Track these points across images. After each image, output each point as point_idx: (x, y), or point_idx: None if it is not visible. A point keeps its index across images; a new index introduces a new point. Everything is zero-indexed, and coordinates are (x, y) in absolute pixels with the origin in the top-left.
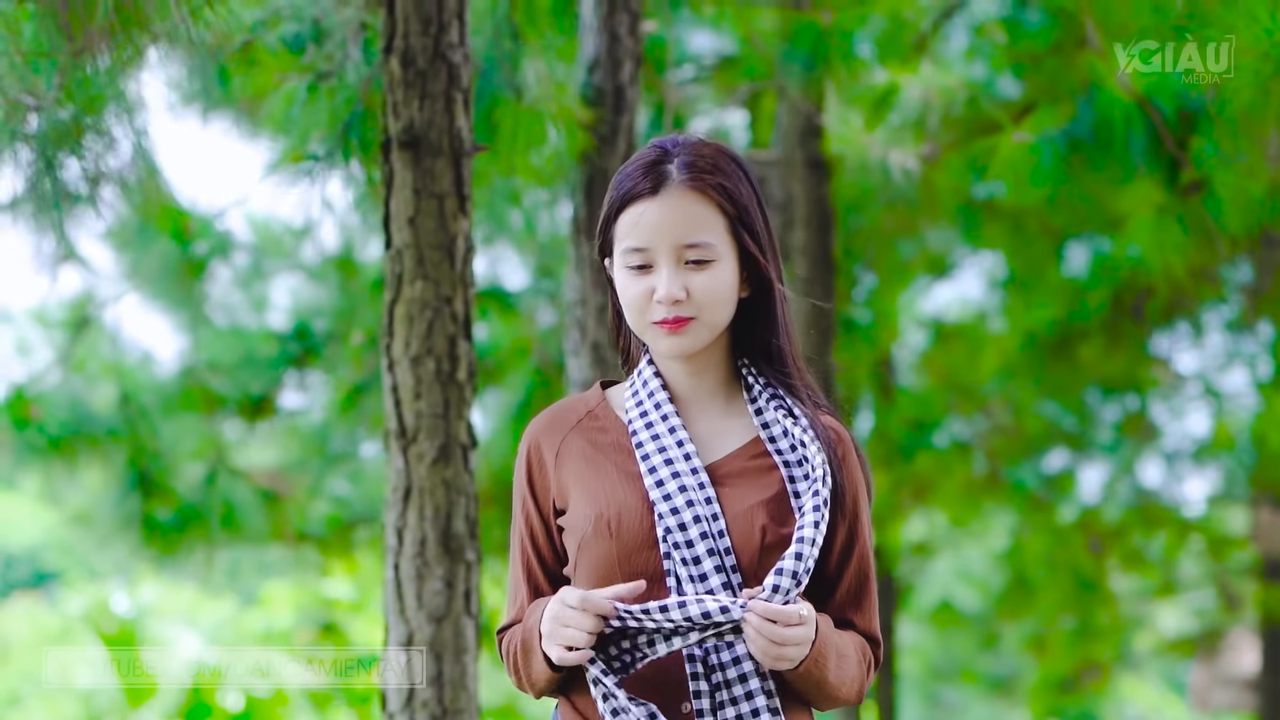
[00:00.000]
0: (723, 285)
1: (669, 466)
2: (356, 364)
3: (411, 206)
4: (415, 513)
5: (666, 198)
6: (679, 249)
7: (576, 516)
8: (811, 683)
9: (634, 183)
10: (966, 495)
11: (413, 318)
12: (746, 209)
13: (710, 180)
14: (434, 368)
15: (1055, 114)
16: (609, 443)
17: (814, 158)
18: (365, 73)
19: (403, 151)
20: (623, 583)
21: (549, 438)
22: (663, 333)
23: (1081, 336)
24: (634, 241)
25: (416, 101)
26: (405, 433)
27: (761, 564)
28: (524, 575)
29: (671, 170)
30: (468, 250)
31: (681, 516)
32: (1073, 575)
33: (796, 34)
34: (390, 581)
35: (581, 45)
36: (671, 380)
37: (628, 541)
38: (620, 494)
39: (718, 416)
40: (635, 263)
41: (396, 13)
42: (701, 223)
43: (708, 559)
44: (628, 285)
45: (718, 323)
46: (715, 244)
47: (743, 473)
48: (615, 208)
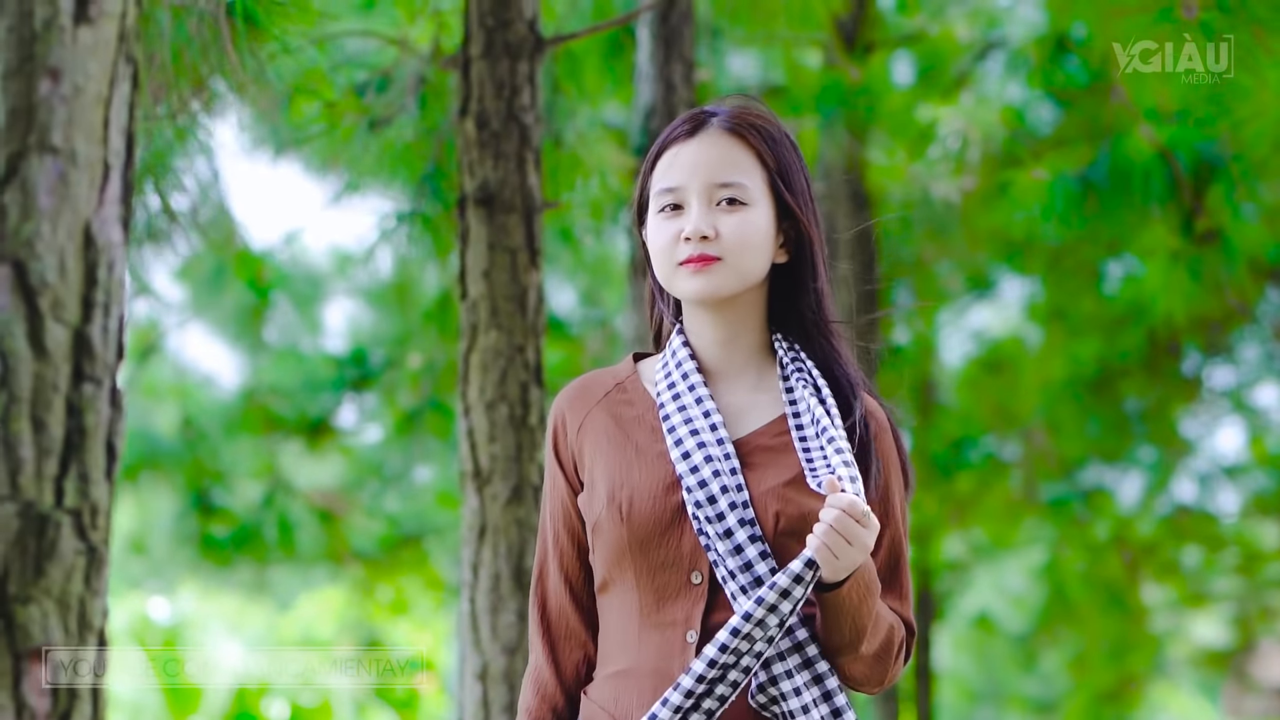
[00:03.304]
0: (755, 229)
1: (695, 438)
2: (412, 388)
3: (486, 260)
4: (490, 550)
5: (704, 138)
6: (711, 187)
7: (591, 497)
8: (847, 616)
9: (673, 129)
10: (1006, 513)
11: (487, 365)
12: (788, 164)
13: (751, 127)
14: (507, 413)
15: (1076, 155)
16: (634, 417)
17: (857, 190)
18: (422, 124)
19: (478, 208)
20: (634, 570)
21: (574, 409)
22: (688, 272)
23: (1122, 375)
24: (667, 181)
25: (490, 161)
26: (480, 474)
27: (776, 547)
28: (556, 559)
29: (713, 119)
30: (539, 301)
31: (710, 489)
32: (1108, 590)
33: (825, 90)
34: (466, 615)
35: (638, 93)
36: (702, 352)
37: (640, 526)
38: (636, 475)
39: (748, 390)
40: (668, 202)
41: (472, 77)
42: (738, 164)
43: (740, 530)
44: (659, 230)
45: (746, 270)
46: (749, 186)
47: (768, 450)
48: (653, 157)
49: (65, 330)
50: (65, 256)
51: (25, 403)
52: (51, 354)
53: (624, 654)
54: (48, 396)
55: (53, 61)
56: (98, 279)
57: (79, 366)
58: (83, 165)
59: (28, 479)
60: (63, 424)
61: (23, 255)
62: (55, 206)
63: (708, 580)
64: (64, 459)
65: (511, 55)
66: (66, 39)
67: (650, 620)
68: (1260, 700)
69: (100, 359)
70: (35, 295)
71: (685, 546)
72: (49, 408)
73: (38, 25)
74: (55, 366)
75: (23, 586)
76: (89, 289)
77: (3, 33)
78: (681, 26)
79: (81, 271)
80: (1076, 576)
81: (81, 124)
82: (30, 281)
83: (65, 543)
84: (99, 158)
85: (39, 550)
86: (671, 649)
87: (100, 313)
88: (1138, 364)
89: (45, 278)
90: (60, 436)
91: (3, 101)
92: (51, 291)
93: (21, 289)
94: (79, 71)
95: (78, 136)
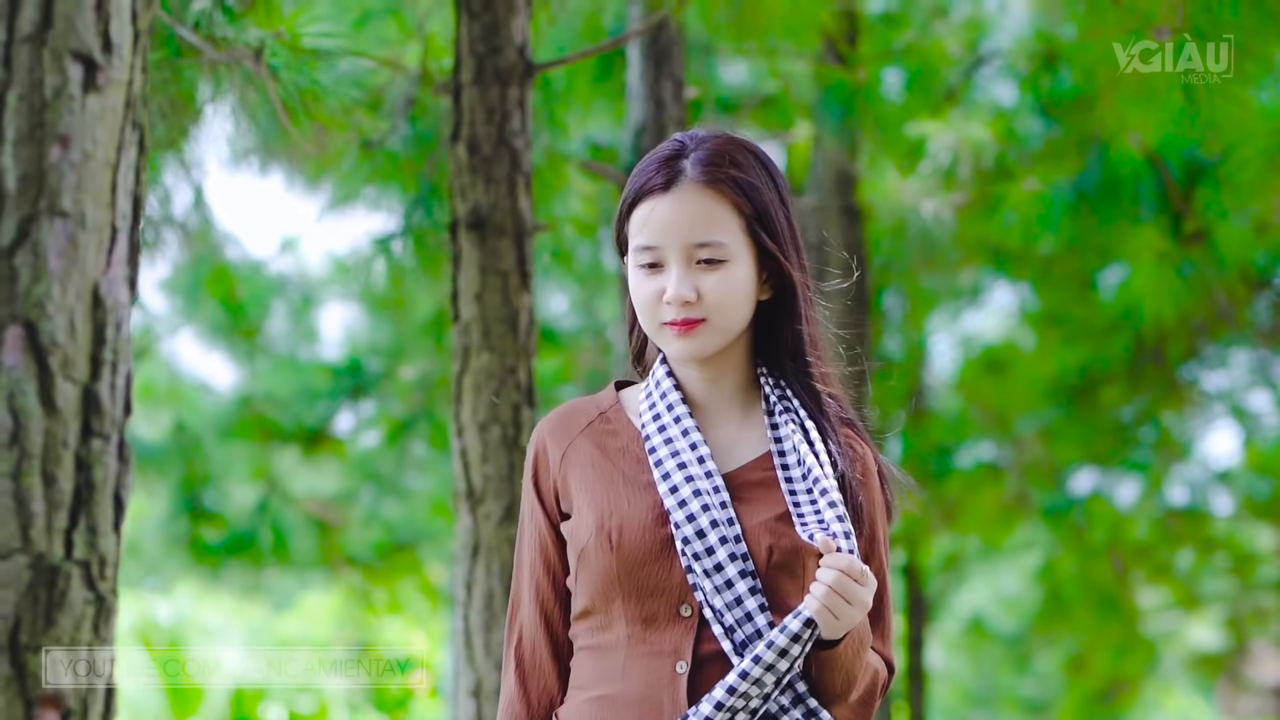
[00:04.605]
0: (736, 287)
1: (683, 471)
2: (404, 401)
3: (478, 283)
4: (483, 568)
5: (678, 194)
6: (689, 248)
7: (578, 525)
8: (841, 670)
9: (647, 178)
10: (998, 517)
11: (479, 387)
12: (765, 207)
13: (725, 177)
14: (499, 434)
15: (1066, 165)
16: (618, 448)
17: (848, 204)
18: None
19: (469, 232)
20: (622, 599)
21: (556, 439)
22: (673, 334)
23: (1106, 381)
24: (644, 239)
25: (482, 186)
26: (473, 494)
27: (767, 582)
28: (531, 591)
29: (686, 166)
30: (530, 323)
31: (699, 523)
32: (1102, 593)
33: (831, 89)
34: (459, 632)
35: (628, 111)
36: (687, 385)
37: (629, 556)
38: (624, 505)
39: (734, 425)
40: (646, 261)
41: (463, 103)
42: (714, 221)
43: (730, 565)
44: (639, 285)
45: (730, 326)
46: (728, 243)
47: (758, 485)
48: (629, 203)
49: (75, 388)
50: (75, 317)
51: (36, 458)
52: (61, 411)
53: (607, 681)
54: (58, 452)
55: (62, 128)
56: (106, 338)
57: (88, 423)
58: (91, 228)
59: (39, 532)
60: (72, 478)
61: (34, 316)
62: (65, 268)
63: (697, 614)
64: (73, 512)
65: (502, 81)
66: (76, 107)
67: (637, 649)
68: (1254, 700)
69: (108, 415)
70: (46, 354)
71: (674, 578)
72: (59, 463)
73: (48, 93)
74: (65, 423)
75: (34, 636)
76: (97, 348)
77: (14, 101)
78: (671, 46)
79: (90, 331)
80: (1071, 579)
81: (90, 189)
82: (41, 341)
83: (75, 593)
84: (107, 221)
85: (50, 601)
86: (660, 679)
87: (108, 370)
88: (1125, 370)
89: (55, 337)
90: (70, 490)
91: (14, 167)
92: (61, 351)
93: (33, 349)
94: (88, 138)
95: (86, 201)
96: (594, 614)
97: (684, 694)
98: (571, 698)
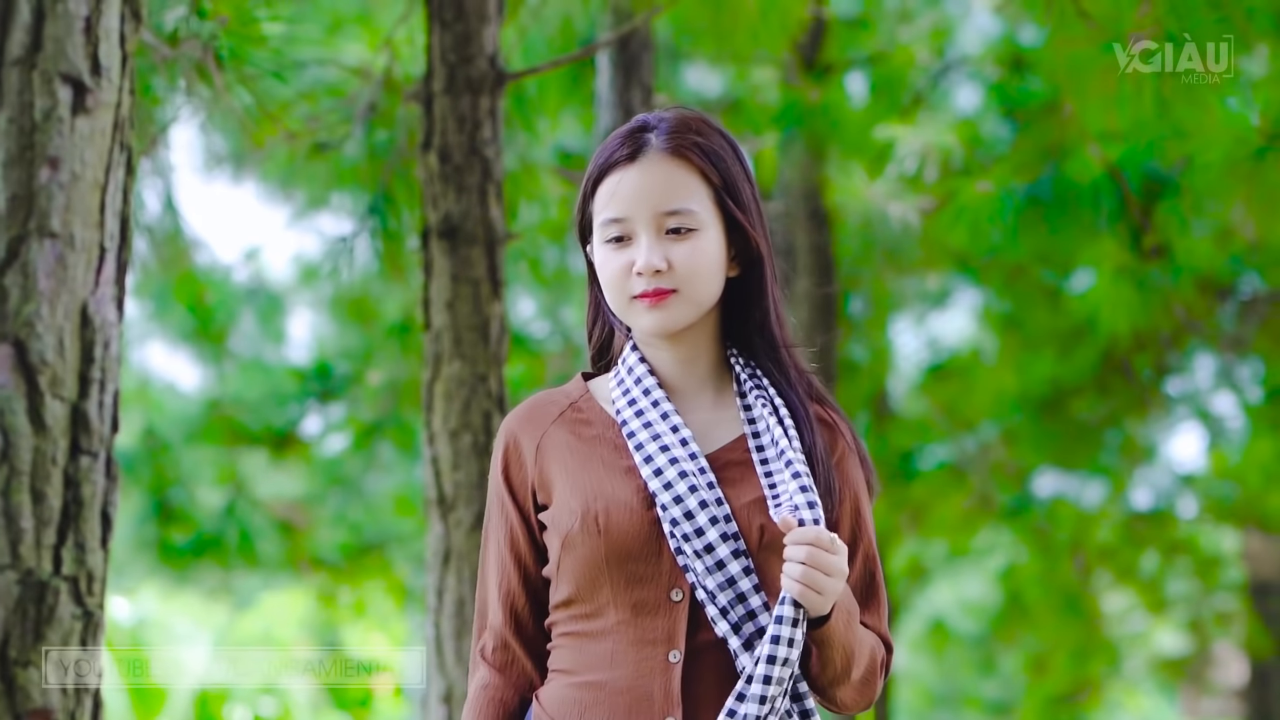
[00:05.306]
0: (706, 256)
1: (666, 454)
2: (372, 405)
3: (449, 291)
4: (454, 575)
5: (645, 164)
6: (659, 216)
7: (561, 511)
8: (839, 646)
9: (611, 152)
10: (962, 521)
11: (451, 394)
12: (733, 178)
13: (692, 144)
14: (471, 441)
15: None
16: (594, 435)
17: (815, 209)
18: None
19: (441, 240)
20: (610, 586)
21: (528, 431)
22: (644, 307)
23: (1074, 393)
24: (612, 212)
25: (453, 194)
26: (444, 501)
27: (759, 562)
28: (499, 588)
29: (651, 138)
30: (501, 331)
31: (687, 504)
32: (1064, 595)
33: (785, 110)
34: (431, 639)
35: (598, 119)
36: (660, 368)
37: (617, 540)
38: (609, 488)
39: (708, 408)
40: (614, 234)
41: (434, 112)
42: (682, 189)
43: (722, 545)
44: (607, 260)
45: (701, 298)
46: (698, 211)
47: (741, 465)
48: (593, 180)
49: (63, 406)
50: (63, 336)
51: (25, 475)
52: (50, 429)
53: (595, 667)
54: (46, 469)
55: (52, 150)
56: (94, 357)
57: (76, 441)
58: (80, 249)
59: (28, 548)
60: (61, 495)
61: (23, 335)
62: (54, 288)
63: (688, 598)
64: (62, 529)
65: (473, 90)
66: (65, 129)
67: (627, 637)
68: (1217, 702)
69: (96, 433)
70: (35, 373)
71: (665, 563)
72: (48, 480)
73: (38, 116)
74: (54, 441)
75: (23, 650)
76: (86, 367)
77: (4, 123)
78: (641, 53)
79: (79, 350)
80: (1033, 581)
81: (79, 209)
82: (30, 360)
83: (63, 608)
84: (95, 241)
85: (38, 616)
86: (651, 668)
87: (96, 389)
88: (1090, 380)
89: (45, 356)
90: (58, 507)
91: (4, 189)
92: (50, 370)
93: (22, 367)
94: (76, 160)
95: (75, 221)
96: (579, 602)
97: (677, 685)
98: (555, 680)
